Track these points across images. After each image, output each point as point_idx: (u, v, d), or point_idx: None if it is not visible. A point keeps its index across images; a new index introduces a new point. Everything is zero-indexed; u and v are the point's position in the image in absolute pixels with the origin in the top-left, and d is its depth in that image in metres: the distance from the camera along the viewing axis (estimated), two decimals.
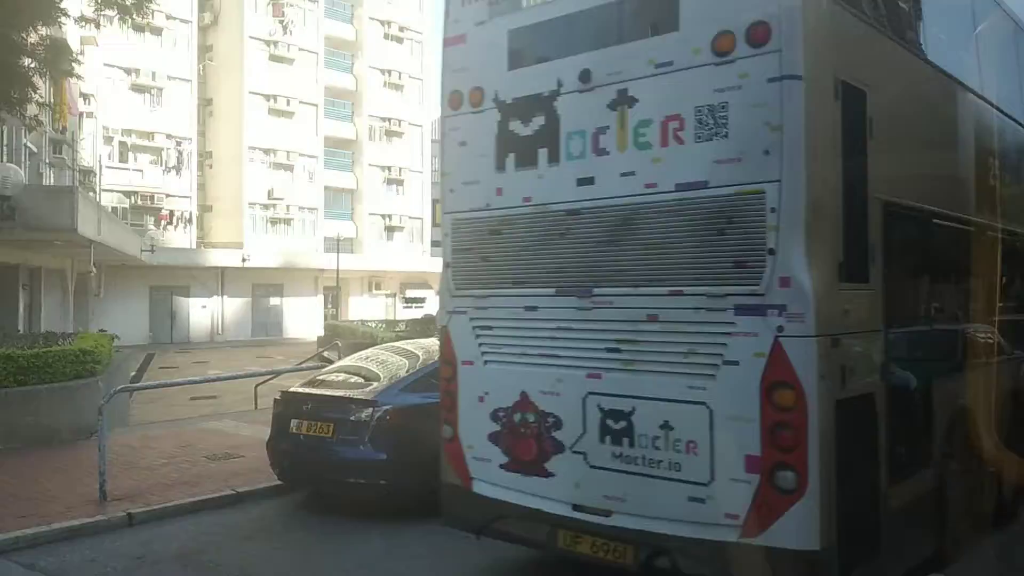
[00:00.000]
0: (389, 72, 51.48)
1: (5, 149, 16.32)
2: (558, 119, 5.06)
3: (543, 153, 5.12)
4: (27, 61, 10.83)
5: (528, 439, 5.17)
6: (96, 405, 11.88)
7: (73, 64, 12.06)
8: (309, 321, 44.82)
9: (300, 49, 46.60)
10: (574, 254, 5.02)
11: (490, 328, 5.45)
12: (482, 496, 5.41)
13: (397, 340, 19.70)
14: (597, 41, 4.99)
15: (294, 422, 7.81)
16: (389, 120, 51.46)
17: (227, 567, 6.59)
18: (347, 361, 9.18)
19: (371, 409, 7.41)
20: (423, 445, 7.44)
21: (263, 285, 44.08)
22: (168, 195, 41.47)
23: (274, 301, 45.11)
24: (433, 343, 9.47)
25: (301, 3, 46.95)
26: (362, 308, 47.85)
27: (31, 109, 11.84)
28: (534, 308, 5.20)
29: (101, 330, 17.30)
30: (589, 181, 4.91)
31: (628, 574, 4.76)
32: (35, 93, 11.69)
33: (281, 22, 45.37)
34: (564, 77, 5.02)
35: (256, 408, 14.82)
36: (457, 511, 5.68)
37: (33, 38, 10.82)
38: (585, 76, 4.91)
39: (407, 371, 8.15)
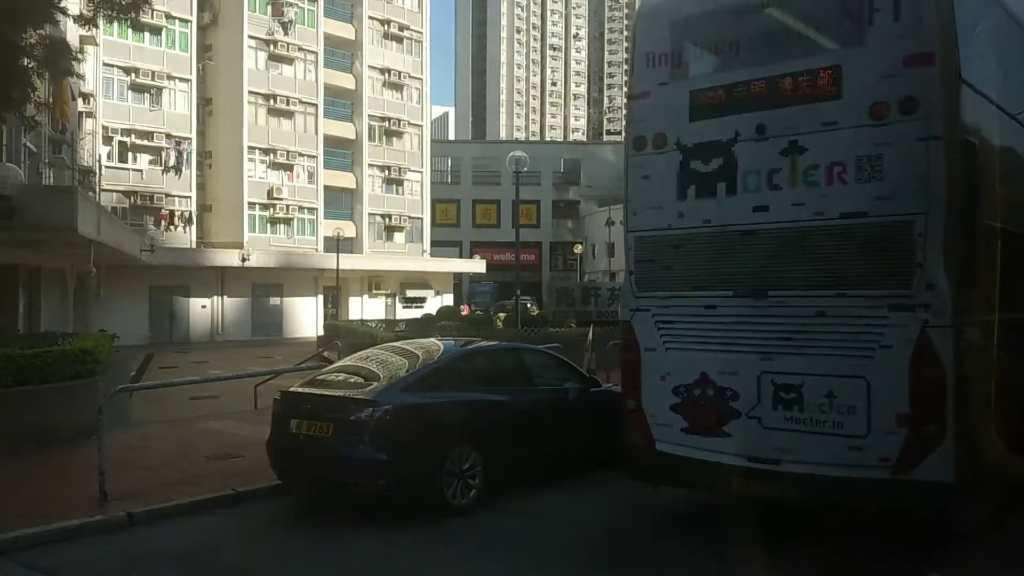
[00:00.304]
0: (388, 72, 51.47)
1: (4, 149, 16.31)
2: (736, 160, 6.51)
3: (722, 186, 6.57)
4: (26, 61, 10.82)
5: (708, 408, 6.63)
6: (96, 405, 11.89)
7: (72, 63, 12.02)
8: (309, 321, 44.83)
9: (300, 48, 46.61)
10: (750, 265, 6.49)
11: (671, 322, 6.95)
12: (665, 453, 6.86)
13: (397, 340, 19.68)
14: (771, 102, 6.36)
15: (294, 422, 7.79)
16: (388, 120, 51.45)
17: (227, 567, 6.60)
18: (347, 361, 9.16)
19: (371, 409, 7.38)
20: (423, 445, 7.50)
21: (263, 285, 44.09)
22: (168, 195, 41.43)
23: (274, 301, 45.12)
24: (433, 343, 9.49)
25: (300, 2, 46.94)
26: (362, 308, 47.87)
27: (30, 109, 11.79)
28: (713, 307, 6.68)
29: (101, 330, 17.24)
30: (764, 208, 6.37)
31: (788, 508, 6.43)
32: (34, 93, 11.68)
33: (280, 21, 45.34)
34: (741, 129, 6.46)
35: (256, 408, 14.83)
36: (642, 467, 7.17)
37: (32, 38, 10.79)
38: (761, 129, 6.36)
39: (407, 371, 8.13)
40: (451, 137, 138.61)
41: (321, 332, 41.09)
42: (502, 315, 36.57)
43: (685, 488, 7.35)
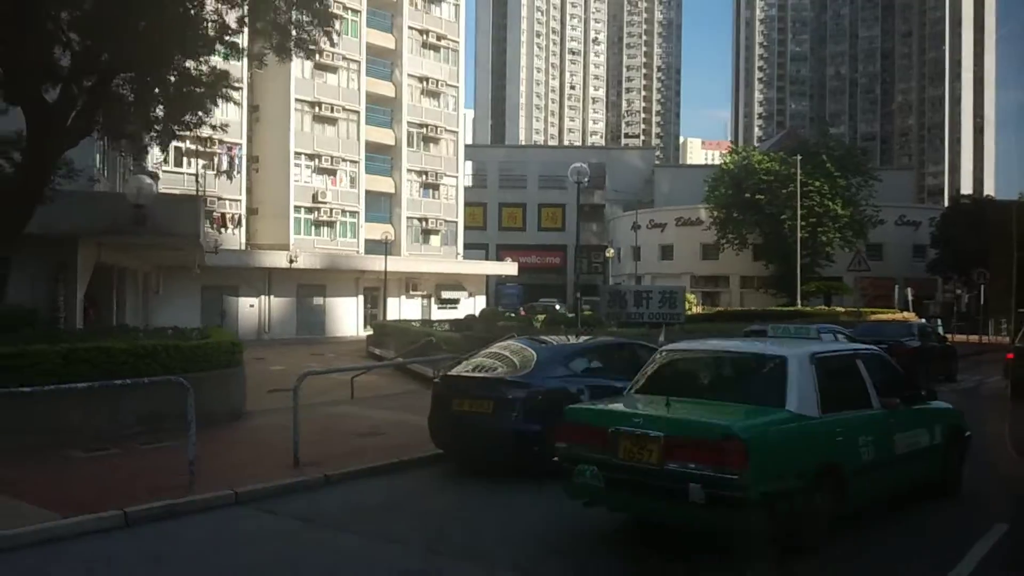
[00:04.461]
0: (426, 80, 53.18)
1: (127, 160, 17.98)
2: None
3: None
4: (199, 89, 12.48)
5: None
6: (240, 391, 13.61)
7: (231, 90, 13.71)
8: (350, 320, 46.62)
9: (343, 57, 48.35)
10: None
11: None
12: None
13: (449, 339, 21.32)
14: None
15: (455, 401, 9.41)
16: (426, 126, 53.16)
17: (429, 514, 8.20)
18: (492, 349, 10.71)
19: (526, 390, 9.00)
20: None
21: (307, 285, 45.83)
22: (219, 198, 43.27)
23: (317, 301, 46.84)
24: (557, 338, 11.11)
25: (344, 13, 48.66)
26: (400, 309, 49.53)
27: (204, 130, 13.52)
28: None
29: (216, 326, 18.92)
30: None
31: None
32: (207, 117, 13.38)
33: (326, 31, 46.98)
34: None
35: (352, 397, 16.45)
36: None
37: (203, 67, 12.43)
38: None
39: (545, 360, 9.72)
40: (471, 140, 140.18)
41: (364, 331, 42.82)
42: (541, 316, 38.11)
43: None
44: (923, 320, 32.50)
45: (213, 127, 13.77)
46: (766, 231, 53.37)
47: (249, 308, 43.82)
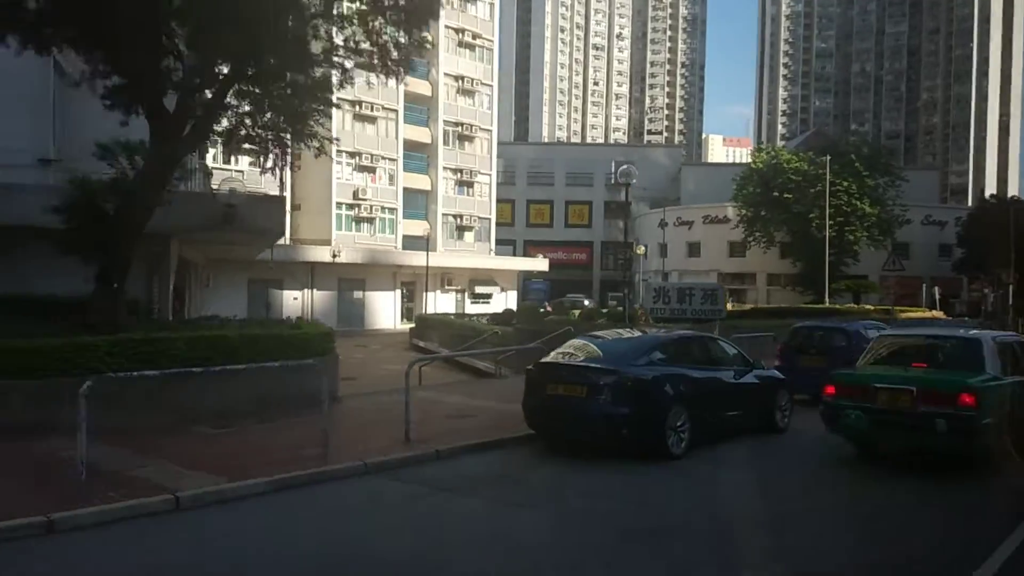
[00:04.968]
0: (462, 79, 54.34)
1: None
2: None
3: None
4: (308, 104, 13.75)
5: None
6: (335, 377, 14.80)
7: (332, 100, 14.96)
8: (387, 314, 47.95)
9: None
10: None
11: None
12: None
13: (505, 332, 22.40)
14: None
15: (550, 386, 10.57)
16: (461, 125, 54.35)
17: (536, 483, 9.37)
18: (577, 341, 11.86)
19: (616, 376, 10.13)
20: (652, 405, 10.22)
21: (348, 279, 47.24)
22: (265, 194, 44.61)
23: (357, 294, 48.25)
24: (637, 331, 12.24)
25: None
26: (436, 303, 50.84)
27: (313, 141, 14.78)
28: None
29: (299, 318, 20.24)
30: None
31: None
32: (316, 127, 14.65)
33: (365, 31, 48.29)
34: None
35: (420, 384, 17.63)
36: None
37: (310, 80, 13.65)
38: None
39: (632, 351, 10.86)
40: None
41: (400, 324, 44.10)
42: (576, 311, 39.21)
43: None
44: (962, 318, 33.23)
45: (328, 139, 15.00)
46: (793, 229, 54.21)
47: (293, 300, 45.26)
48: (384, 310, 48.39)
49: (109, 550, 6.79)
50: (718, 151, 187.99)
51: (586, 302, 54.50)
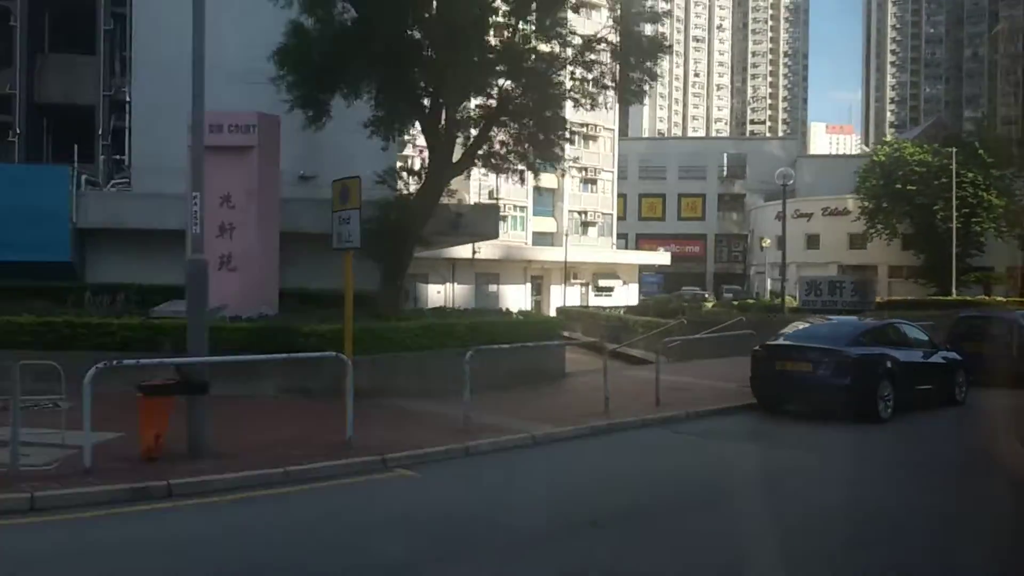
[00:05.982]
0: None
1: None
2: None
3: None
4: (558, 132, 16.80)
5: None
6: (562, 356, 17.61)
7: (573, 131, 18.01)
8: (518, 306, 50.89)
9: None
10: None
11: None
12: None
13: (636, 321, 24.71)
14: None
15: (778, 363, 13.08)
16: (586, 126, 56.83)
17: (788, 435, 11.96)
18: (794, 329, 14.35)
19: (838, 355, 12.57)
20: (867, 378, 12.60)
21: (484, 274, 50.49)
22: (482, 203, 48.37)
23: (492, 288, 51.45)
24: (847, 318, 14.67)
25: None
26: (563, 296, 53.60)
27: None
28: None
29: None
30: None
31: None
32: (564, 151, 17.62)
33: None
34: None
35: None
36: None
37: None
38: None
39: (847, 334, 13.26)
40: None
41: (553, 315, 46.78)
42: (709, 303, 41.28)
43: None
44: None
45: (569, 162, 17.91)
46: (917, 221, 54.62)
47: (436, 294, 48.74)
48: (516, 303, 51.36)
49: (503, 466, 9.70)
50: (821, 139, 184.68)
51: (706, 295, 56.44)
